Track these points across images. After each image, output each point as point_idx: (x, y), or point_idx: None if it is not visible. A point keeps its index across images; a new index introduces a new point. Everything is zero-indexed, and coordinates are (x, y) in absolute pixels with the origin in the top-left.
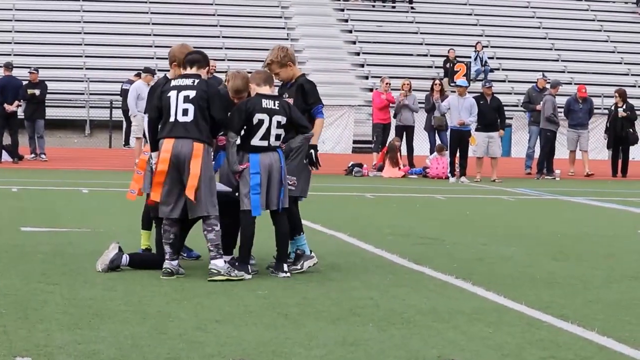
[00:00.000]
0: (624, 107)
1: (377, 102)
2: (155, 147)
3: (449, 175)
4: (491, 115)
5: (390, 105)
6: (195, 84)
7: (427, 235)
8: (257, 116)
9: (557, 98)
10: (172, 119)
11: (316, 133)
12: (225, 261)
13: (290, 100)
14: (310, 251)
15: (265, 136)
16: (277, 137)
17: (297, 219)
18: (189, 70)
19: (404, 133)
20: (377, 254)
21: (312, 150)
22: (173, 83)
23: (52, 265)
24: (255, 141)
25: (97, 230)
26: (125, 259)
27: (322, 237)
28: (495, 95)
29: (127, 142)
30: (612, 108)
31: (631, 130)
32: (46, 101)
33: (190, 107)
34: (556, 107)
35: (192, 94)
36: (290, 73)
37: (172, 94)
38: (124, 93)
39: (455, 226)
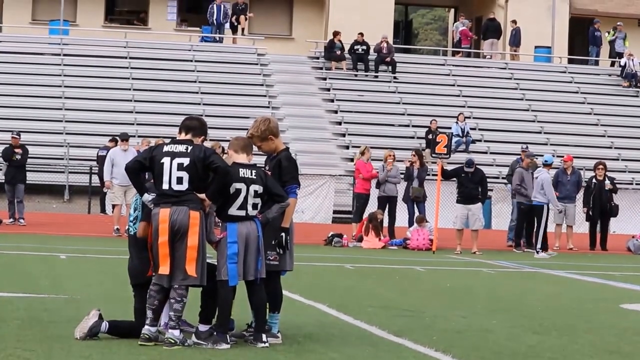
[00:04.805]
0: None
1: (363, 172)
2: (143, 190)
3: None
4: (473, 187)
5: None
6: (189, 150)
7: (407, 307)
8: (235, 185)
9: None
10: (165, 186)
11: (288, 214)
12: (181, 331)
13: (269, 174)
14: (278, 331)
15: (243, 205)
16: (255, 206)
17: (278, 297)
18: (182, 136)
19: (387, 203)
20: (357, 325)
21: (282, 234)
22: (166, 149)
23: (28, 331)
24: (233, 210)
25: (74, 297)
26: (104, 326)
27: (300, 307)
28: (477, 167)
29: (103, 209)
30: (593, 181)
31: (614, 202)
32: (26, 165)
33: (185, 176)
34: (526, 180)
35: (185, 161)
36: (272, 146)
37: (166, 160)
38: (100, 159)
39: (435, 298)
